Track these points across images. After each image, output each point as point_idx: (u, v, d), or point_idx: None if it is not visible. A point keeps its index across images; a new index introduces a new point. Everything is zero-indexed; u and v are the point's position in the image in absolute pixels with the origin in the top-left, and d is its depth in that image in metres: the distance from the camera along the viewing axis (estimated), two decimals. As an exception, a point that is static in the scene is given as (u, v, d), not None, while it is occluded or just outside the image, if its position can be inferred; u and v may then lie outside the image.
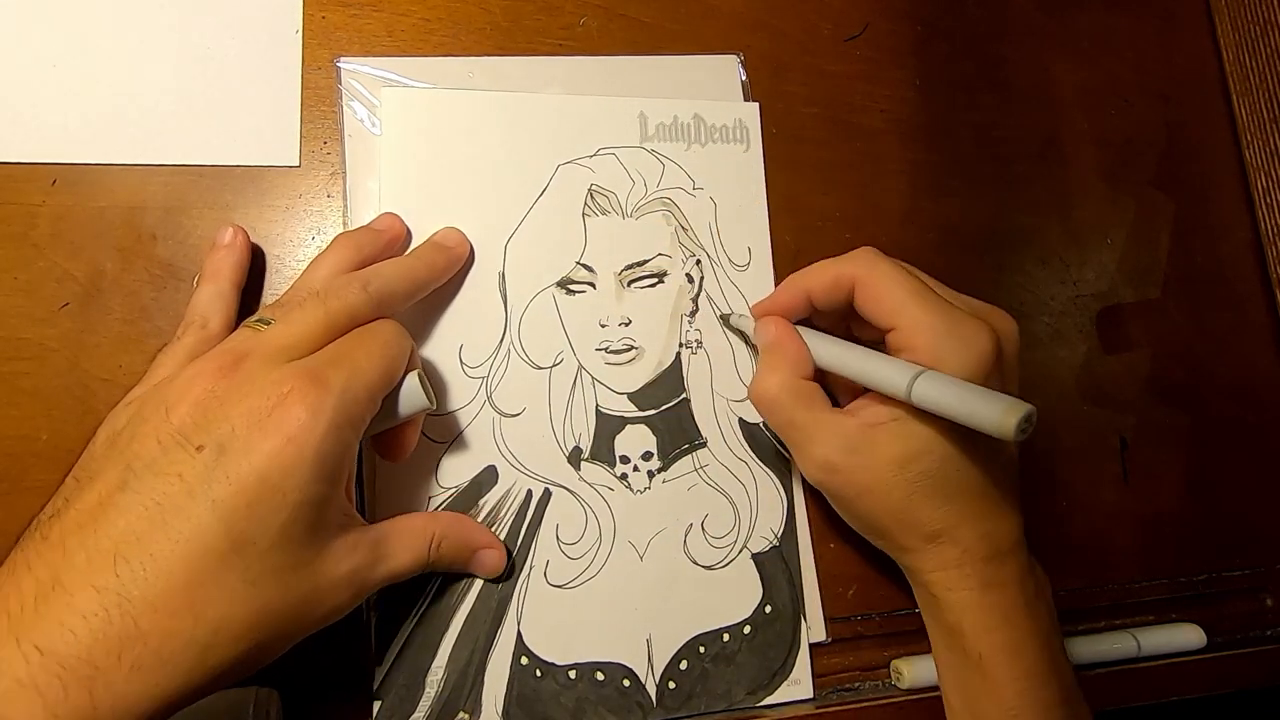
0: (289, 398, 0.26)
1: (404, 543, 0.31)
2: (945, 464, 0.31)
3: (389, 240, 0.35)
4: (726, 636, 0.36)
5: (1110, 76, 0.48)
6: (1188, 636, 0.41)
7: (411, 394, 0.30)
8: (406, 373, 0.31)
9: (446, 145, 0.38)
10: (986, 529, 0.32)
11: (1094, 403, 0.44)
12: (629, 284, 0.38)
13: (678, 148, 0.40)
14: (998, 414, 0.27)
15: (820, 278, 0.34)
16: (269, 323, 0.29)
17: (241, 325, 0.30)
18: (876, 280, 0.33)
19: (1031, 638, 0.31)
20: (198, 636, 0.24)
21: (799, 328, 0.35)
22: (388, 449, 0.33)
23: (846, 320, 0.37)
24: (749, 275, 0.40)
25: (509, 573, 0.35)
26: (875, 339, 0.34)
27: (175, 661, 0.23)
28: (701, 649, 0.36)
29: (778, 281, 0.40)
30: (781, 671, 0.37)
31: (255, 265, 0.36)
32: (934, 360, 0.30)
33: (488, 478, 0.36)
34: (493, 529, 0.35)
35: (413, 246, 0.36)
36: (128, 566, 0.23)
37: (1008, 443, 0.30)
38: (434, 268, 0.34)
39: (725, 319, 0.39)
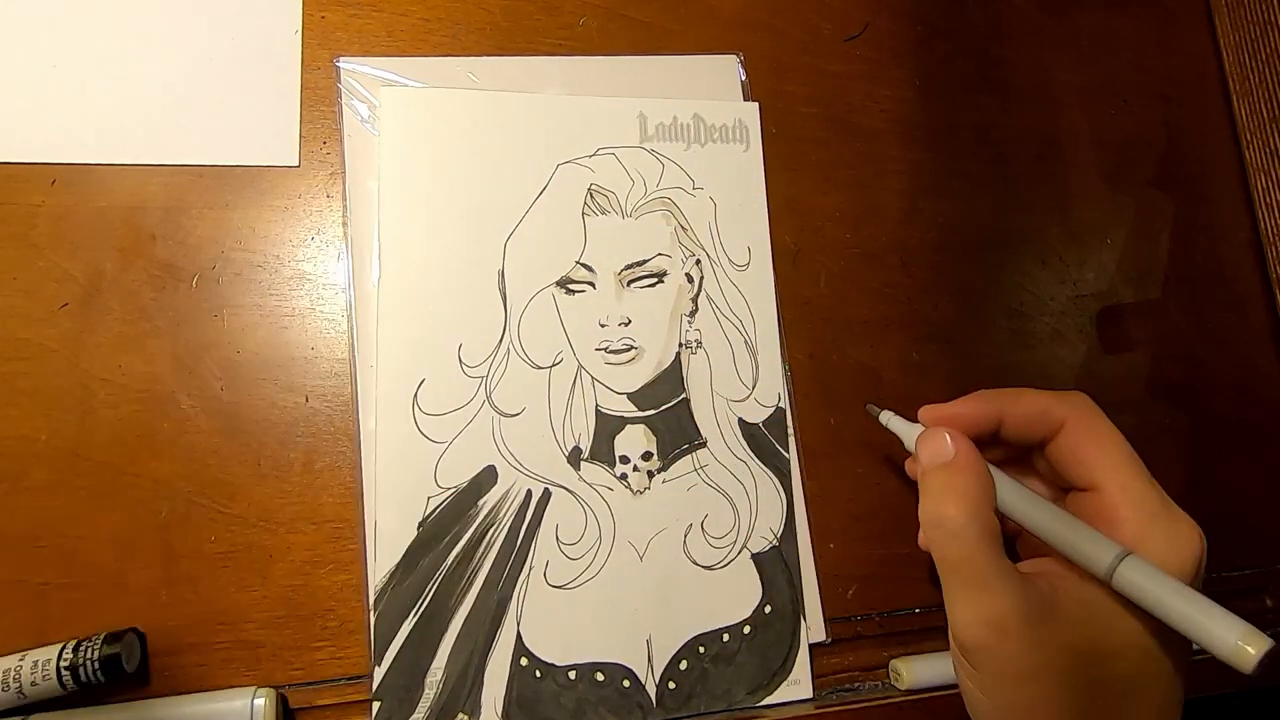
0: None
1: None
2: (1140, 672, 0.26)
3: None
4: (726, 636, 0.36)
5: (1110, 76, 0.48)
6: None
7: None
8: None
9: (446, 145, 0.38)
10: None
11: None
12: (629, 284, 0.38)
13: (677, 147, 0.40)
14: (1234, 638, 0.24)
15: (1025, 406, 0.30)
16: None
17: None
18: (1092, 430, 0.29)
19: None
20: None
21: (1006, 479, 0.30)
22: None
23: (1019, 460, 0.33)
24: (749, 275, 0.40)
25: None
26: (1051, 494, 0.31)
27: None
28: (701, 649, 0.36)
29: (777, 281, 0.40)
30: (781, 671, 0.37)
31: (251, 262, 0.36)
32: (1136, 544, 0.26)
33: (487, 478, 0.36)
34: (492, 529, 0.35)
35: (409, 241, 0.36)
36: None
37: (1178, 649, 0.27)
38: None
39: (870, 406, 0.35)
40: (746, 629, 0.37)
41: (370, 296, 0.36)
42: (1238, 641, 0.24)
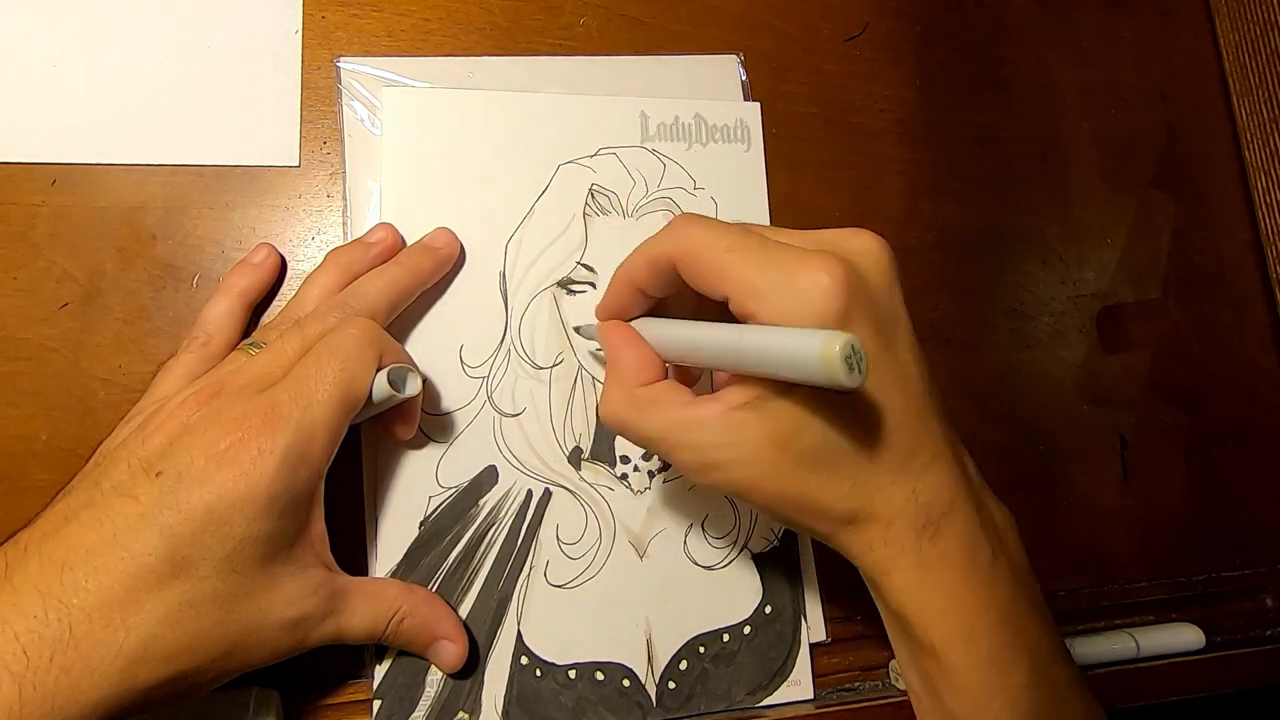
0: (246, 434, 0.27)
1: (365, 606, 0.30)
2: (831, 433, 0.26)
3: (380, 253, 0.34)
4: (726, 637, 0.36)
5: (1110, 76, 0.48)
6: (1187, 637, 0.41)
7: (382, 390, 0.30)
8: (382, 368, 0.30)
9: (447, 145, 0.38)
10: (908, 495, 0.27)
11: (1094, 403, 0.44)
12: (629, 284, 0.38)
13: (679, 147, 0.40)
14: (815, 351, 0.22)
15: (639, 265, 0.30)
16: (260, 347, 0.30)
17: (236, 349, 0.32)
18: (690, 251, 0.28)
19: (987, 615, 0.27)
20: (126, 649, 0.25)
21: (645, 321, 0.31)
22: (385, 430, 0.34)
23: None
24: (749, 275, 0.40)
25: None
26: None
27: (103, 670, 0.24)
28: (701, 649, 0.36)
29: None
30: (781, 672, 0.37)
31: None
32: (776, 321, 0.25)
33: (488, 478, 0.36)
34: (493, 529, 0.35)
35: (409, 241, 0.36)
36: (72, 575, 0.25)
37: (912, 383, 0.26)
38: (419, 273, 0.34)
39: (578, 330, 0.37)
40: (747, 629, 0.37)
41: (371, 296, 0.36)
42: (818, 353, 0.22)
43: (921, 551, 0.27)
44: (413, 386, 0.31)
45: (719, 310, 0.28)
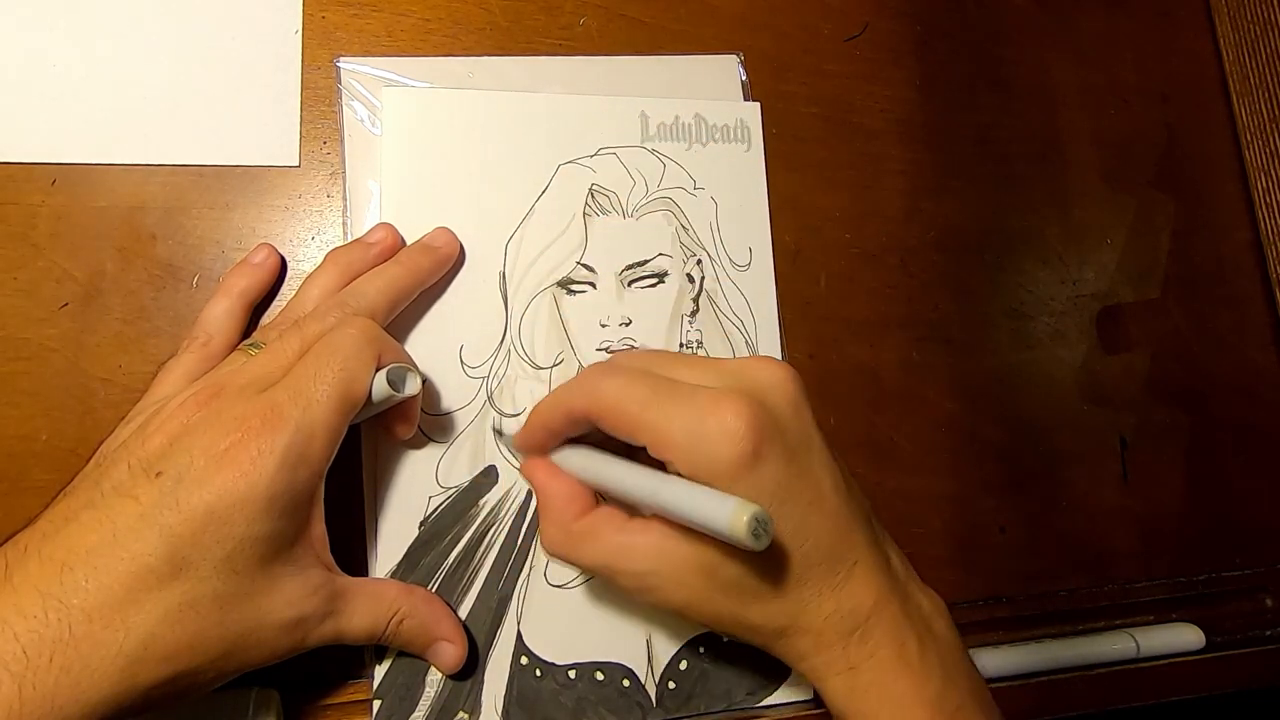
0: (245, 434, 0.27)
1: (365, 607, 0.30)
2: (754, 563, 0.27)
3: (380, 253, 0.34)
4: (726, 637, 0.36)
5: (1110, 76, 0.48)
6: (1187, 637, 0.41)
7: (381, 389, 0.30)
8: (381, 367, 0.30)
9: (447, 145, 0.38)
10: (833, 607, 0.28)
11: (1094, 403, 0.44)
12: (629, 284, 0.38)
13: (679, 147, 0.40)
14: (725, 520, 0.24)
15: (557, 417, 0.31)
16: (260, 347, 0.31)
17: (236, 349, 0.32)
18: (605, 408, 0.29)
19: (921, 708, 0.28)
20: (126, 649, 0.25)
21: (568, 451, 0.32)
22: (385, 430, 0.34)
23: None
24: (750, 275, 0.40)
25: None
26: None
27: (102, 670, 0.24)
28: (701, 649, 0.36)
29: (778, 282, 0.40)
30: (781, 672, 0.37)
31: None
32: (692, 469, 0.27)
33: (488, 478, 0.36)
34: (493, 529, 0.35)
35: (409, 241, 0.36)
36: (72, 576, 0.25)
37: (828, 500, 0.28)
38: (419, 272, 0.34)
39: (498, 435, 0.36)
40: (747, 629, 0.37)
41: (371, 296, 0.36)
42: (728, 520, 0.24)
43: (850, 656, 0.28)
44: (412, 386, 0.31)
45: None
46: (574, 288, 0.38)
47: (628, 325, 0.38)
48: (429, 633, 0.32)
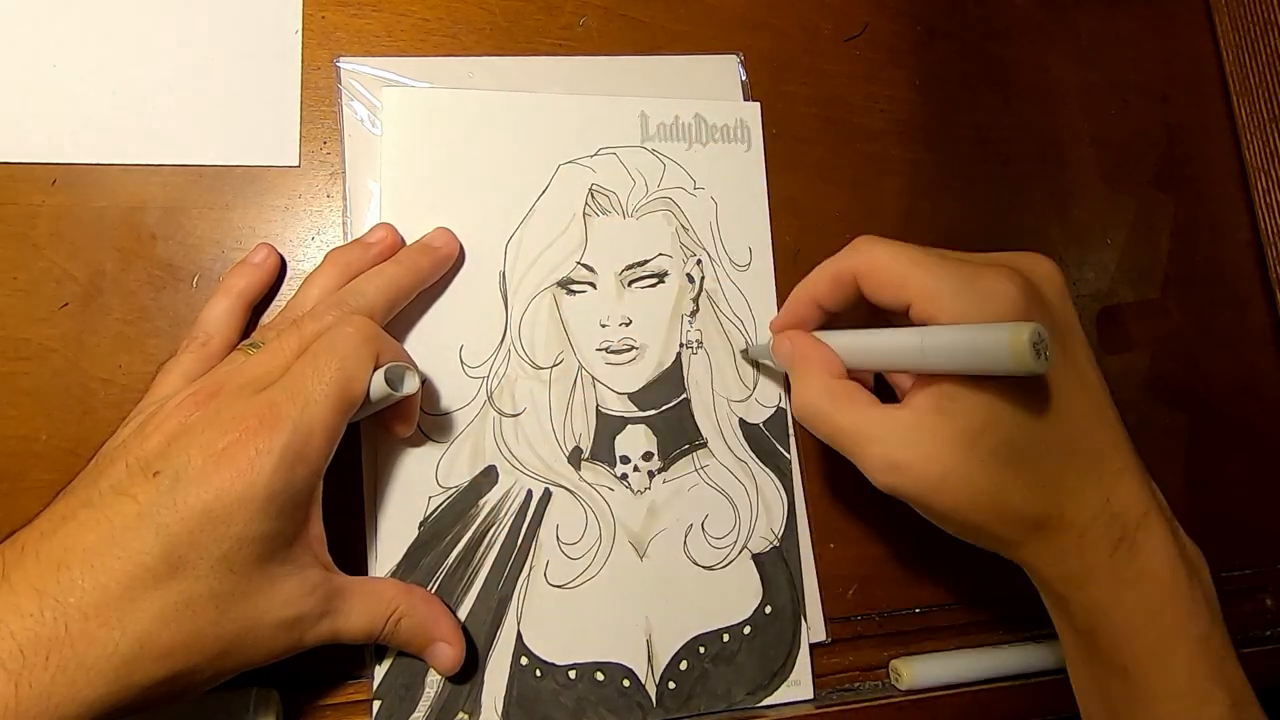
0: (243, 434, 0.27)
1: (363, 606, 0.30)
2: (1021, 429, 0.26)
3: (379, 253, 0.35)
4: (726, 637, 0.36)
5: (1110, 76, 0.48)
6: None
7: (379, 388, 0.30)
8: (380, 366, 0.30)
9: (447, 145, 0.38)
10: (1101, 502, 0.26)
11: (1094, 403, 0.44)
12: (629, 284, 0.38)
13: (679, 147, 0.40)
14: (1005, 341, 0.23)
15: (821, 281, 0.32)
16: (259, 347, 0.30)
17: (235, 349, 0.32)
18: (874, 264, 0.29)
19: (1187, 642, 0.26)
20: (122, 648, 0.25)
21: (823, 333, 0.33)
22: (384, 429, 0.34)
23: (879, 320, 0.34)
24: (750, 275, 0.40)
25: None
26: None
27: (98, 668, 0.24)
28: (701, 649, 0.36)
29: (778, 281, 0.40)
30: (781, 672, 0.37)
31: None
32: (958, 321, 0.27)
33: (487, 478, 0.36)
34: (493, 529, 0.35)
35: (409, 241, 0.36)
36: (69, 574, 0.25)
37: (1094, 389, 0.27)
38: (418, 271, 0.34)
39: (744, 353, 0.39)
40: (747, 629, 0.37)
41: (371, 296, 0.36)
42: (1007, 343, 0.23)
43: (1118, 566, 0.26)
44: (410, 385, 0.31)
45: (889, 325, 0.30)
46: (574, 288, 0.38)
47: (628, 325, 0.38)
48: (427, 633, 0.32)
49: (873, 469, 0.28)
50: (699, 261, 0.39)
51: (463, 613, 0.34)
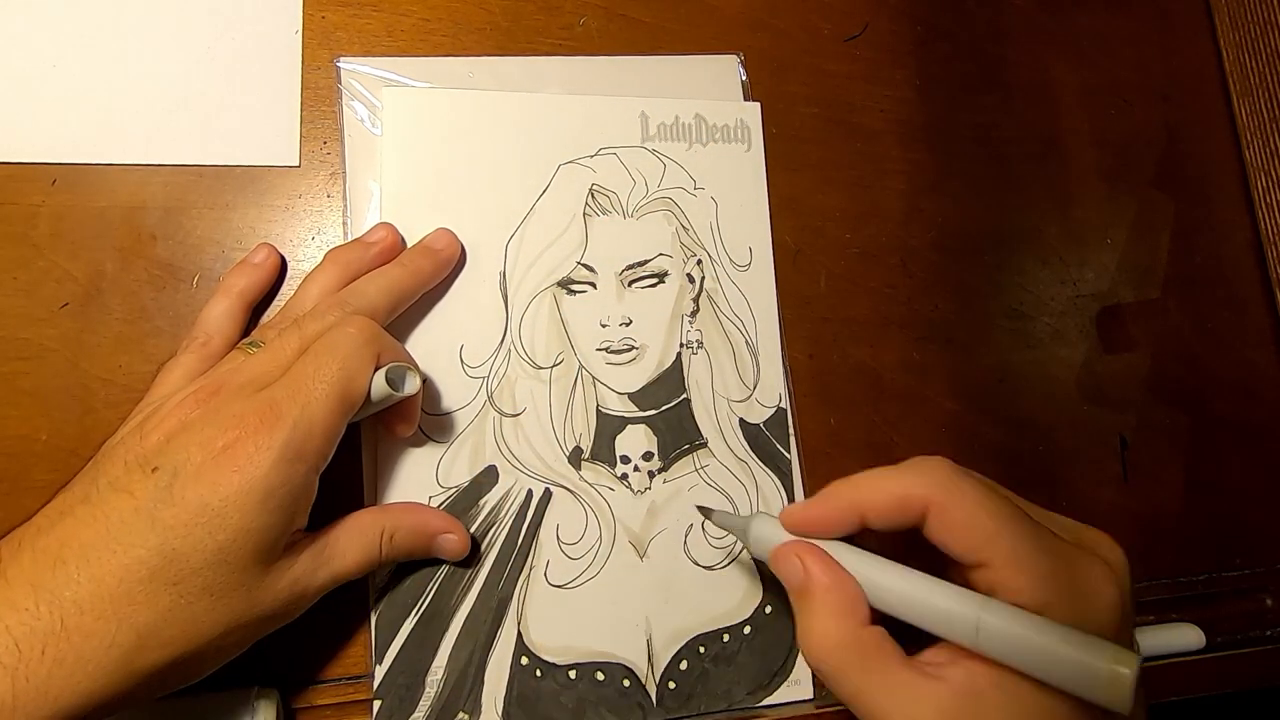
0: (243, 432, 0.27)
1: (351, 542, 0.31)
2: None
3: (380, 253, 0.35)
4: (727, 637, 0.36)
5: (1110, 76, 0.48)
6: (1187, 637, 0.41)
7: (380, 389, 0.30)
8: (380, 366, 0.30)
9: (447, 145, 0.38)
10: None
11: (1094, 403, 0.44)
12: (630, 284, 0.38)
13: (679, 147, 0.40)
14: (1103, 673, 0.21)
15: (879, 497, 0.27)
16: (259, 346, 0.31)
17: (235, 348, 0.32)
18: (956, 505, 0.26)
19: None
20: (119, 640, 0.25)
21: (841, 548, 0.28)
22: (385, 429, 0.34)
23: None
24: (750, 275, 0.40)
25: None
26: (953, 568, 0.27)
27: (96, 661, 0.25)
28: (702, 649, 0.36)
29: (779, 281, 0.40)
30: (781, 671, 0.37)
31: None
32: (1044, 609, 0.24)
33: (488, 478, 0.36)
34: (493, 529, 0.35)
35: (410, 241, 0.36)
36: (65, 569, 0.25)
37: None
38: (420, 274, 0.35)
39: (710, 517, 0.33)
40: (747, 629, 0.37)
41: (371, 296, 0.36)
42: (1106, 670, 0.21)
43: None
44: (411, 385, 0.31)
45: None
46: (574, 288, 0.38)
47: (628, 325, 0.38)
48: (423, 533, 0.33)
49: None
50: (699, 261, 0.39)
51: (463, 612, 0.34)
